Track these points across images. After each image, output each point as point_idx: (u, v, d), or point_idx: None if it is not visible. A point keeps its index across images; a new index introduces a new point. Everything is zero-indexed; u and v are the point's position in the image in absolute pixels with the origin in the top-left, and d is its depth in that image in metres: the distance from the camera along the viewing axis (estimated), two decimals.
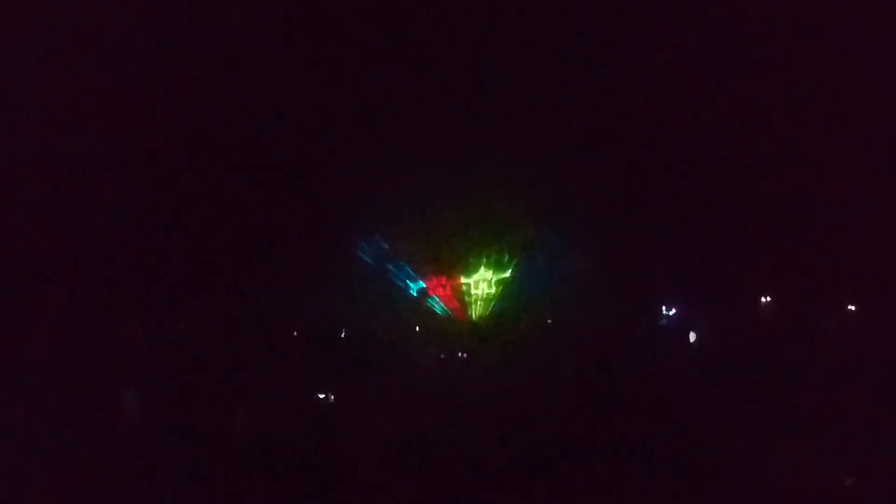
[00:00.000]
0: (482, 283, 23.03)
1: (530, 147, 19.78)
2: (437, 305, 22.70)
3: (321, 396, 11.58)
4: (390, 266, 22.03)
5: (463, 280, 22.78)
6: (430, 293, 22.68)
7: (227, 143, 18.50)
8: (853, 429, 8.85)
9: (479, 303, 22.87)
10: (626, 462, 9.89)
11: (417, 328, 16.87)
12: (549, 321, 18.15)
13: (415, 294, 22.25)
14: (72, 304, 13.78)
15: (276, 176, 19.24)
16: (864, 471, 8.61)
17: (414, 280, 22.61)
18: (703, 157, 18.96)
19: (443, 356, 14.68)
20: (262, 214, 19.66)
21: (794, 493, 8.87)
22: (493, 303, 22.93)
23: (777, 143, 18.13)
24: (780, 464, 9.06)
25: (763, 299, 18.83)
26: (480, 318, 21.96)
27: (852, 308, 14.23)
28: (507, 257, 23.49)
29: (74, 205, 16.11)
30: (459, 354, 14.16)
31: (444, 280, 22.81)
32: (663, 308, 18.39)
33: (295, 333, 15.47)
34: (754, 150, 18.38)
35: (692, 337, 14.78)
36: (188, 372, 11.86)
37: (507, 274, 23.27)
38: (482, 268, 23.20)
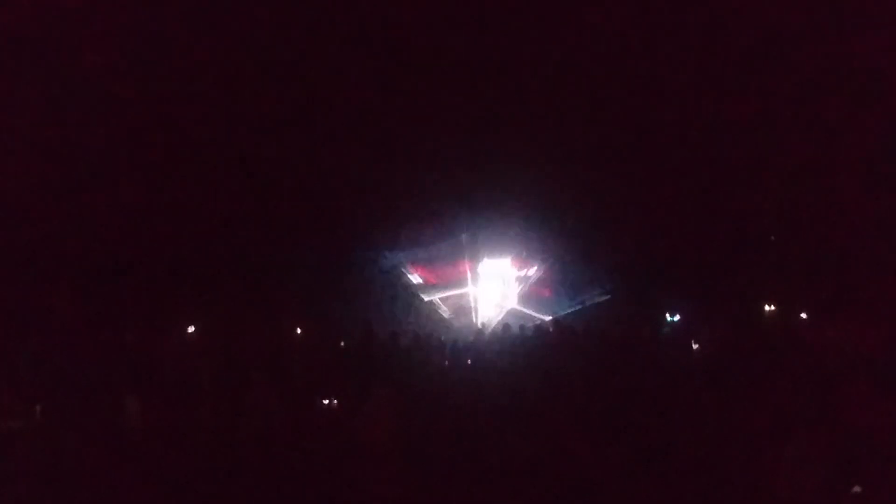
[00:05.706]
0: (489, 287, 23.05)
1: (534, 152, 19.81)
2: (443, 309, 22.67)
3: (325, 402, 11.63)
4: (396, 268, 22.00)
5: (470, 284, 22.79)
6: (436, 295, 22.65)
7: (231, 142, 18.54)
8: (861, 436, 8.81)
9: (486, 306, 22.86)
10: (627, 468, 9.88)
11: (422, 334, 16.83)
12: (550, 328, 18.17)
13: (421, 296, 22.23)
14: (75, 307, 13.77)
15: (283, 176, 19.28)
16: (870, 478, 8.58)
17: (420, 282, 22.58)
18: (710, 161, 19.00)
19: (446, 362, 14.64)
20: (266, 216, 19.69)
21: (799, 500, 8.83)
22: (500, 308, 22.94)
23: (784, 149, 18.16)
24: (787, 473, 9.00)
25: (767, 307, 18.87)
26: (486, 322, 21.96)
27: (858, 314, 14.21)
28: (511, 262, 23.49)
29: (79, 205, 16.11)
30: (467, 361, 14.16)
31: (450, 281, 22.82)
32: (667, 315, 18.39)
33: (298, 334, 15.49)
34: (761, 155, 18.42)
35: (696, 345, 14.74)
36: (192, 376, 11.86)
37: (513, 279, 23.32)
38: (488, 271, 23.17)
